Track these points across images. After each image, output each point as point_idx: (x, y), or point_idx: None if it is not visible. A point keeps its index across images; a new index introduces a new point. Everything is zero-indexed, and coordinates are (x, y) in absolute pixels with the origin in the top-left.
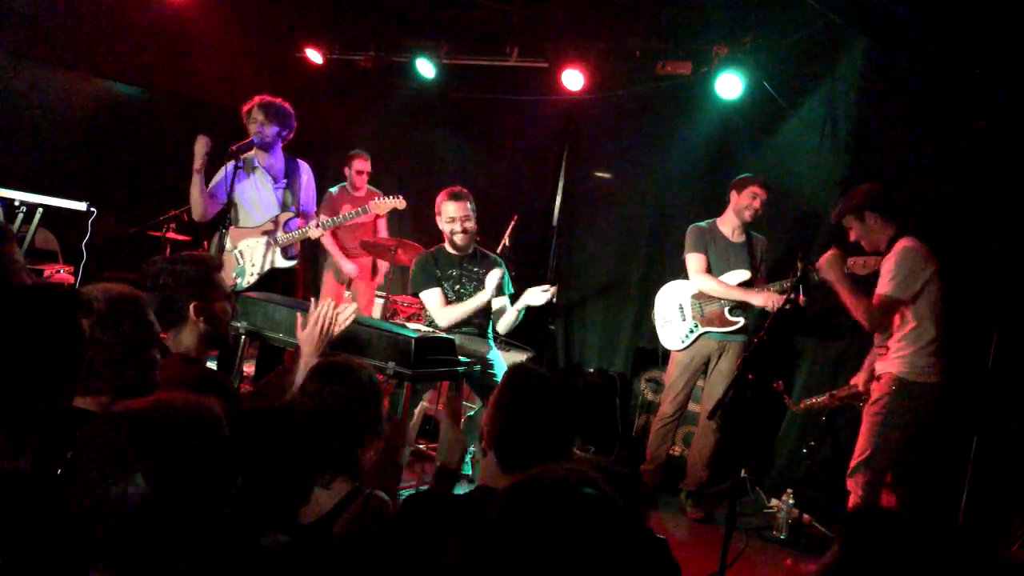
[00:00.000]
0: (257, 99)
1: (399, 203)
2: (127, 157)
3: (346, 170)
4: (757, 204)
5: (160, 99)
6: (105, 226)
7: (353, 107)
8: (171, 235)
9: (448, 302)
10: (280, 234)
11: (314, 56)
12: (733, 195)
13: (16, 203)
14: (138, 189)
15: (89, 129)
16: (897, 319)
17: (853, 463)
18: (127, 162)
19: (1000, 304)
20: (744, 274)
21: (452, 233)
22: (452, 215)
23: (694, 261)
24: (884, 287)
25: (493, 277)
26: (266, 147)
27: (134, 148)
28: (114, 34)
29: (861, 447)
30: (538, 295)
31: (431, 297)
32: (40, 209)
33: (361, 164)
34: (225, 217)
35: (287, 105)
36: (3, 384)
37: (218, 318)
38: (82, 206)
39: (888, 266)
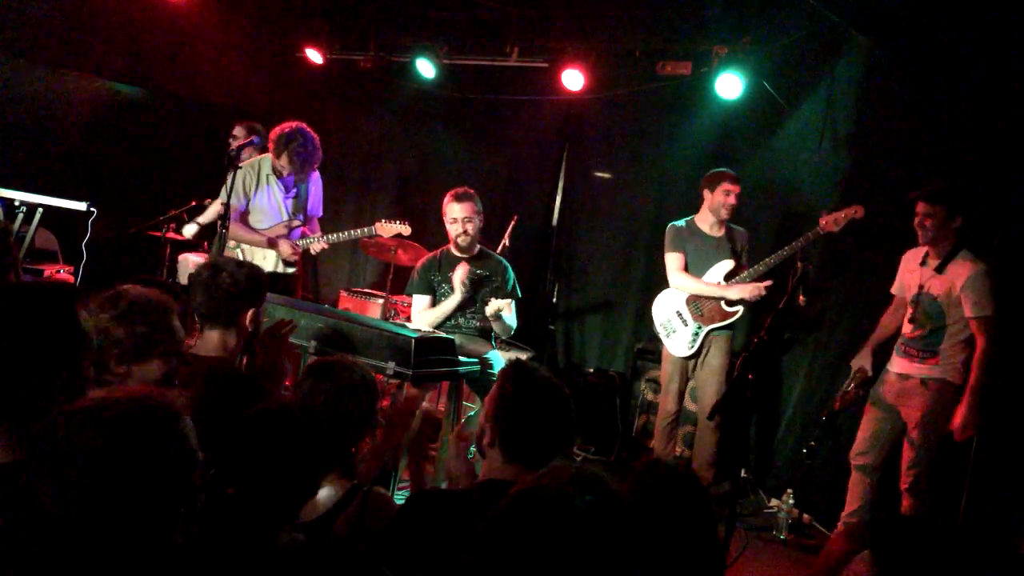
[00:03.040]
0: (295, 140)
1: (404, 229)
2: (127, 157)
3: None
4: (732, 200)
5: (160, 99)
6: (105, 226)
7: (353, 107)
8: (171, 235)
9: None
10: (283, 244)
11: (314, 56)
12: (706, 193)
13: (16, 203)
14: (138, 189)
15: (89, 129)
16: (959, 328)
17: (912, 477)
18: (127, 162)
19: (1000, 304)
20: (729, 264)
21: (456, 235)
22: (455, 216)
23: (672, 260)
24: (987, 309)
25: (457, 274)
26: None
27: (134, 148)
28: (114, 34)
29: (915, 458)
30: (490, 305)
31: (417, 303)
32: (40, 209)
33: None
34: (225, 218)
35: (316, 140)
36: (6, 379)
37: (258, 326)
38: (82, 206)
39: (980, 288)
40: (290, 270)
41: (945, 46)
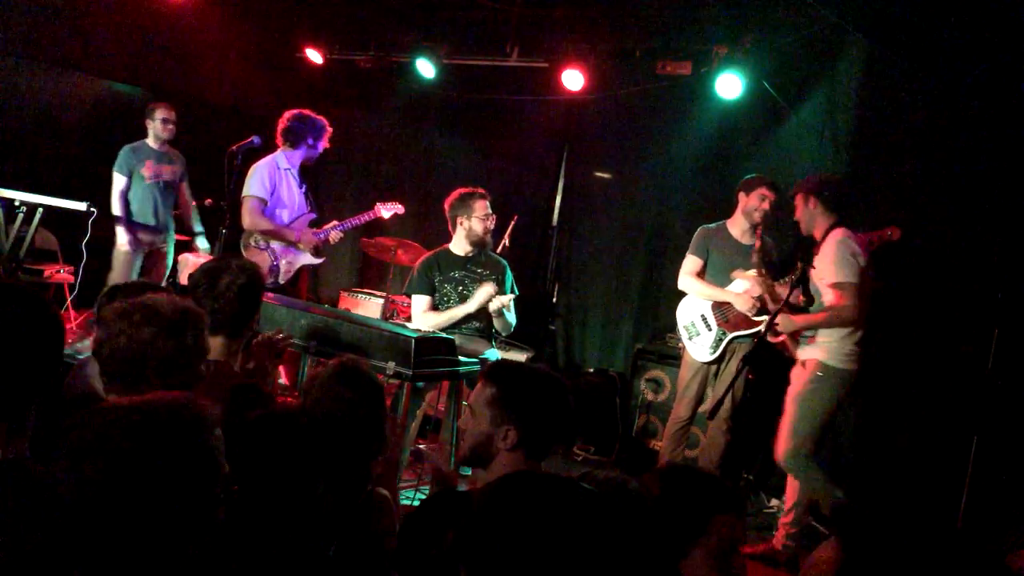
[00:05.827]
0: (309, 118)
1: (399, 208)
2: None
3: (148, 122)
4: (767, 206)
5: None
6: (105, 226)
7: (353, 107)
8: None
9: (448, 305)
10: (309, 235)
11: (314, 56)
12: (741, 197)
13: (16, 203)
14: None
15: (89, 129)
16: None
17: (782, 449)
18: None
19: (1000, 304)
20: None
21: (485, 231)
22: (487, 212)
23: (687, 263)
24: (834, 276)
25: (482, 292)
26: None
27: None
28: (114, 34)
29: (787, 431)
30: (494, 301)
31: (418, 303)
32: (40, 209)
33: (167, 112)
34: (224, 218)
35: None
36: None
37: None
38: (82, 206)
39: (828, 257)
40: (319, 260)
41: (945, 46)
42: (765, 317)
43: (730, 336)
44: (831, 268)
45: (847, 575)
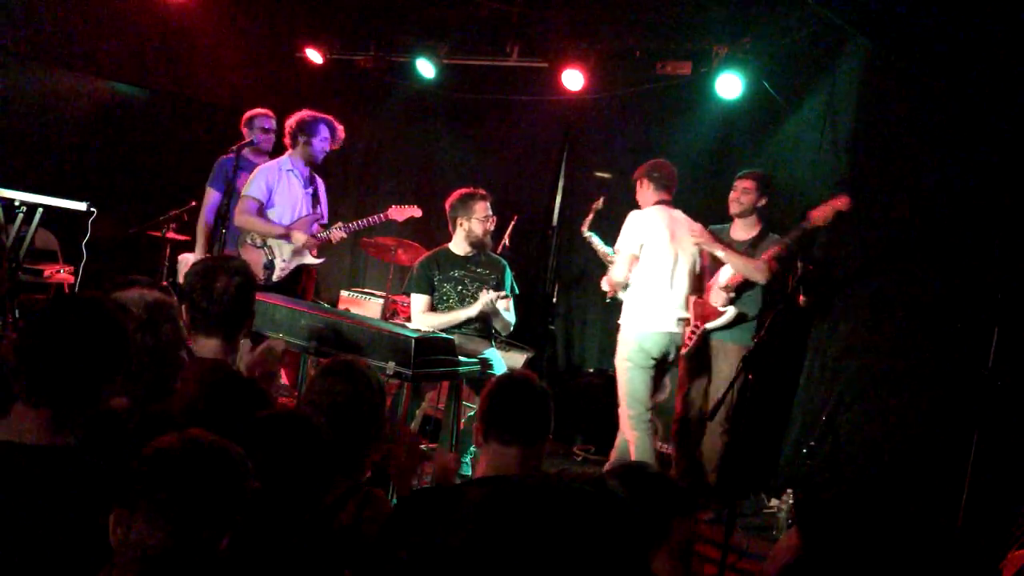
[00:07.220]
0: (312, 119)
1: (416, 211)
2: (127, 157)
3: (247, 132)
4: (736, 195)
5: (160, 99)
6: (105, 226)
7: (353, 107)
8: (171, 235)
9: (447, 304)
10: (299, 233)
11: (314, 56)
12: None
13: (16, 203)
14: (138, 189)
15: (89, 129)
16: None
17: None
18: (127, 162)
19: (1000, 304)
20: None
21: (485, 232)
22: (487, 213)
23: None
24: (617, 244)
25: (485, 297)
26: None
27: (134, 148)
28: (114, 34)
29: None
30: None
31: (417, 302)
32: (40, 209)
33: (268, 121)
34: (225, 217)
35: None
36: (66, 376)
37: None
38: (82, 206)
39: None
40: (318, 260)
41: (945, 46)
42: (732, 308)
43: (703, 327)
44: (620, 238)
45: (806, 561)
